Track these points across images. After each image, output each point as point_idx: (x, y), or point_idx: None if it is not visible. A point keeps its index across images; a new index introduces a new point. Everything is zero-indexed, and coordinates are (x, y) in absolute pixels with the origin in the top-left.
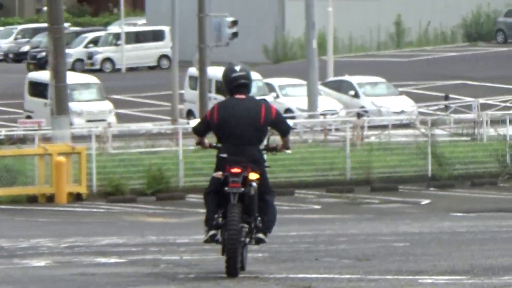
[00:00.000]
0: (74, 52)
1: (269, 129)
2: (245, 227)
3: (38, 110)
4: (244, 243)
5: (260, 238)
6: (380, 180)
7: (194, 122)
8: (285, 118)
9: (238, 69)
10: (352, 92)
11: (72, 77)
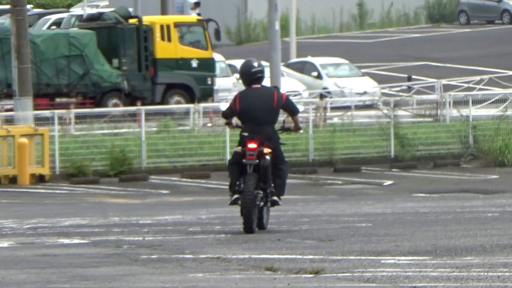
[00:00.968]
0: None
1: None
2: (260, 193)
3: None
4: (260, 206)
5: (275, 200)
6: (343, 161)
7: (224, 107)
8: (294, 102)
9: (256, 65)
10: (315, 74)
11: None
